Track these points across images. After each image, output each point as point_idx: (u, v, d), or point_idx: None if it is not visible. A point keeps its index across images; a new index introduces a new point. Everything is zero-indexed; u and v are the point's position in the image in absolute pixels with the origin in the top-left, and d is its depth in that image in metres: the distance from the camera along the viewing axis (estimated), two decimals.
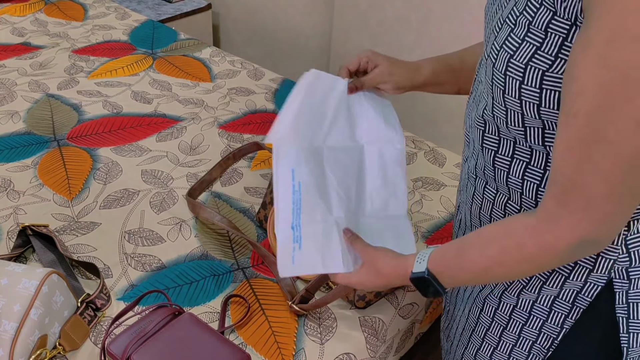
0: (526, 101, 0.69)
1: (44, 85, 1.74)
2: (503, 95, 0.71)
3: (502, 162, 0.77)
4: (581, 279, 0.76)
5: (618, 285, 0.74)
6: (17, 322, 0.93)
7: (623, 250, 0.73)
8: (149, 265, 1.18)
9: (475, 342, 0.91)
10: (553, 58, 0.65)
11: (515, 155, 0.75)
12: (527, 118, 0.70)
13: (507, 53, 0.69)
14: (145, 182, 1.39)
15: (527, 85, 0.68)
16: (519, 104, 0.70)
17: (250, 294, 1.13)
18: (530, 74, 0.67)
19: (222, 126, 1.61)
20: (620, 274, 0.74)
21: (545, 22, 0.65)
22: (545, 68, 0.66)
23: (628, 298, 0.75)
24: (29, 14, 2.18)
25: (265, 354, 1.03)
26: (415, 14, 2.17)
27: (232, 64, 1.94)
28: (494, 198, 0.81)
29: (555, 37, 0.64)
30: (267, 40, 2.82)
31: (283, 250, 0.91)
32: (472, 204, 0.86)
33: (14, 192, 1.33)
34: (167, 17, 2.59)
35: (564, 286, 0.77)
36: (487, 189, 0.82)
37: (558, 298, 0.78)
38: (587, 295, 0.76)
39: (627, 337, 0.75)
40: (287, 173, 0.93)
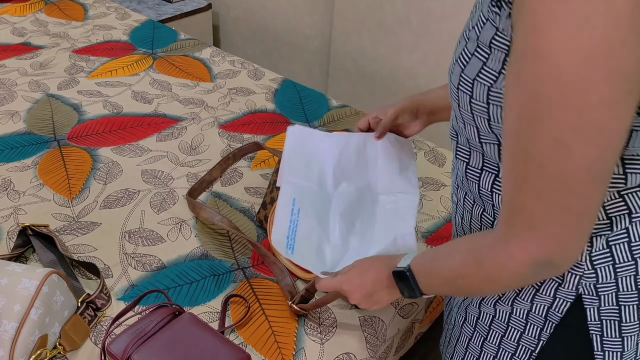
0: (477, 115, 0.69)
1: (44, 85, 1.74)
2: (459, 109, 0.72)
3: (473, 174, 0.77)
4: (550, 294, 0.75)
5: (588, 301, 0.73)
6: (17, 322, 0.93)
7: (588, 267, 0.71)
8: (149, 265, 1.18)
9: (460, 352, 0.91)
10: (497, 74, 0.65)
11: (485, 167, 0.75)
12: (482, 132, 0.71)
13: (460, 67, 0.69)
14: (145, 182, 1.39)
15: (475, 100, 0.68)
16: (472, 118, 0.70)
17: (250, 293, 1.13)
18: (477, 89, 0.67)
19: (222, 126, 1.61)
20: (589, 290, 0.72)
21: (489, 38, 0.64)
22: (490, 84, 0.66)
23: (600, 315, 0.73)
24: (29, 14, 2.18)
25: (265, 354, 1.03)
26: (415, 14, 2.17)
27: (232, 64, 1.94)
28: (472, 208, 0.81)
29: (498, 53, 0.64)
30: (267, 40, 2.82)
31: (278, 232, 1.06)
32: (456, 213, 0.87)
33: (14, 192, 1.33)
34: (167, 17, 2.60)
35: (534, 300, 0.76)
36: (466, 199, 0.82)
37: (531, 312, 0.78)
38: (557, 311, 0.75)
39: (602, 355, 0.74)
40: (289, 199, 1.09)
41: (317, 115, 1.70)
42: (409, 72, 2.30)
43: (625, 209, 0.68)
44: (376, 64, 2.40)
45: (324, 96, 1.80)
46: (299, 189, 1.10)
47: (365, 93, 2.52)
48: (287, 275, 1.14)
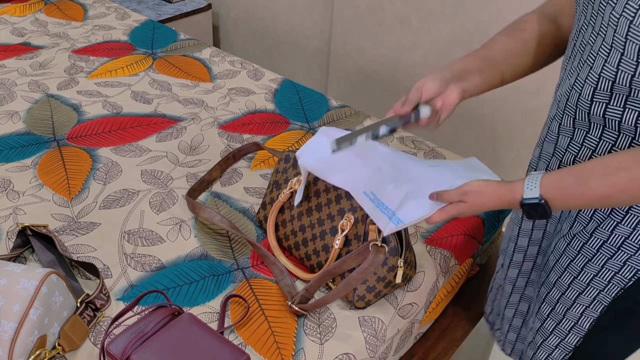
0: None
1: (44, 86, 1.74)
2: (621, 57, 0.76)
3: (614, 113, 0.82)
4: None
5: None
6: (16, 323, 0.93)
7: None
8: (149, 265, 1.18)
9: (557, 271, 0.99)
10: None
11: (628, 106, 0.80)
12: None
13: (627, 19, 0.74)
14: (145, 182, 1.39)
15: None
16: (636, 66, 0.75)
17: (250, 294, 1.13)
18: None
19: (222, 126, 1.61)
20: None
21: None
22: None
23: None
24: (29, 14, 2.18)
25: (265, 354, 1.03)
26: (415, 14, 2.17)
27: (232, 64, 1.94)
28: (596, 145, 0.86)
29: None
30: (267, 40, 2.82)
31: (378, 216, 0.99)
32: (564, 154, 0.92)
33: (14, 192, 1.33)
34: (167, 17, 2.60)
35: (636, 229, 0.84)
36: (588, 137, 0.87)
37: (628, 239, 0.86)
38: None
39: None
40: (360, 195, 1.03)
41: (317, 115, 1.70)
42: (409, 72, 2.30)
43: None
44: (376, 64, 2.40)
45: (323, 96, 1.80)
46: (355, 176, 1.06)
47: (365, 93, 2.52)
48: (287, 276, 1.14)
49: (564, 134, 0.92)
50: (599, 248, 0.91)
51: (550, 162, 0.98)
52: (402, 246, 1.09)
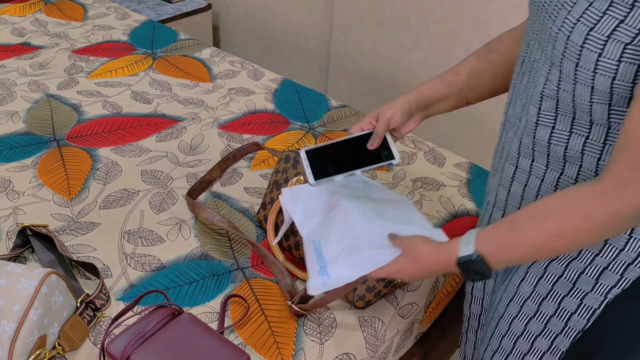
0: (601, 74, 0.70)
1: (44, 86, 1.74)
2: (575, 68, 0.72)
3: (560, 138, 0.79)
4: (636, 251, 0.77)
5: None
6: (16, 323, 0.93)
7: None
8: (149, 265, 1.18)
9: (513, 311, 0.92)
10: (637, 31, 0.66)
11: (574, 130, 0.77)
12: (595, 93, 0.72)
13: (586, 26, 0.70)
14: (145, 182, 1.39)
15: (605, 57, 0.69)
16: (592, 77, 0.71)
17: (250, 294, 1.13)
18: (610, 46, 0.68)
19: (222, 126, 1.61)
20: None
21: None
22: (628, 41, 0.67)
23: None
24: (28, 14, 2.18)
25: (265, 354, 1.03)
26: (415, 14, 2.17)
27: (232, 64, 1.94)
28: (544, 174, 0.82)
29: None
30: (267, 40, 2.82)
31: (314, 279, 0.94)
32: (511, 183, 0.88)
33: (14, 192, 1.33)
34: (167, 17, 2.59)
35: (617, 257, 0.79)
36: (534, 166, 0.83)
37: (607, 269, 0.80)
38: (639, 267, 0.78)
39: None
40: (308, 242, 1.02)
41: (316, 115, 1.70)
42: (409, 72, 2.30)
43: None
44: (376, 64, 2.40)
45: (323, 96, 1.80)
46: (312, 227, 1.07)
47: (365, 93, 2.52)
48: (287, 276, 1.14)
49: (509, 162, 0.88)
50: (554, 284, 0.85)
51: (497, 193, 0.93)
52: None
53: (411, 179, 1.47)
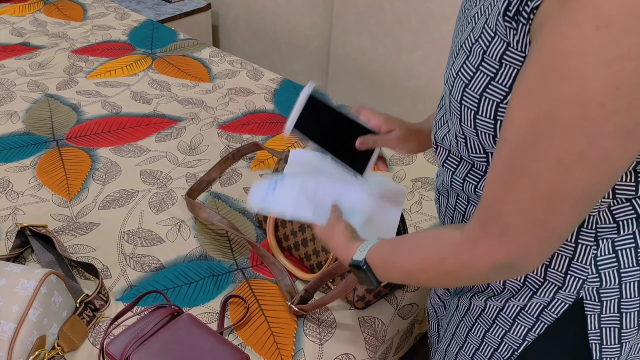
0: (481, 131, 0.68)
1: (43, 86, 1.73)
2: (460, 124, 0.71)
3: (473, 177, 0.77)
4: (549, 296, 0.74)
5: (589, 307, 0.72)
6: (15, 323, 0.93)
7: (593, 271, 0.70)
8: (148, 265, 1.17)
9: (447, 338, 0.91)
10: (507, 89, 0.64)
11: (478, 173, 0.76)
12: (486, 146, 0.70)
13: (462, 82, 0.68)
14: (144, 182, 1.39)
15: (481, 115, 0.67)
16: (475, 133, 0.69)
17: (250, 294, 1.13)
18: (484, 104, 0.66)
19: (222, 126, 1.61)
20: (591, 295, 0.72)
21: (500, 53, 0.63)
22: (500, 99, 0.65)
23: (601, 323, 0.73)
24: (28, 14, 2.18)
25: (265, 355, 1.02)
26: (415, 14, 2.17)
27: (231, 64, 1.94)
28: (465, 210, 0.81)
29: (510, 69, 0.63)
30: (267, 40, 2.82)
31: (257, 190, 1.00)
32: (445, 218, 0.86)
33: (13, 193, 1.33)
34: (166, 17, 2.59)
35: (530, 300, 0.76)
36: (458, 201, 0.82)
37: (523, 310, 0.77)
38: (553, 312, 0.74)
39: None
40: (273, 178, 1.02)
41: None
42: (409, 72, 2.30)
43: (633, 213, 0.68)
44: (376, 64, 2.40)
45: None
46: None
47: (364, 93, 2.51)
48: (287, 276, 1.14)
49: (442, 194, 0.86)
50: (478, 317, 0.84)
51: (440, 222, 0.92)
52: None
53: (411, 179, 1.46)
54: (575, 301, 0.72)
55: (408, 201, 1.39)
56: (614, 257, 0.70)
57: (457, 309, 0.88)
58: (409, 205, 1.38)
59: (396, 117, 0.98)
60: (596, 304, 0.72)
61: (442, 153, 0.81)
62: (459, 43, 0.70)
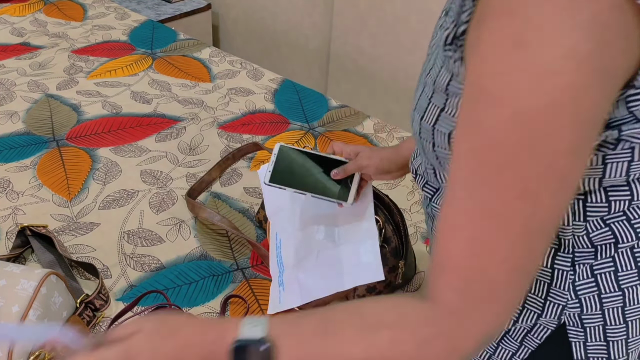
0: (443, 161, 0.66)
1: (43, 86, 1.73)
2: (424, 154, 0.69)
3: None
4: (531, 321, 0.71)
5: (573, 334, 0.69)
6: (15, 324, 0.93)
7: (572, 296, 0.67)
8: (148, 265, 1.17)
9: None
10: (455, 120, 0.60)
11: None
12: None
13: (419, 115, 0.66)
14: (144, 182, 1.39)
15: (438, 147, 0.65)
16: (440, 164, 0.67)
17: (250, 294, 1.13)
18: (437, 136, 0.64)
19: (222, 126, 1.61)
20: (573, 321, 0.68)
21: (445, 84, 0.61)
22: (449, 131, 0.62)
23: (587, 353, 0.69)
24: (28, 14, 2.18)
25: None
26: (415, 14, 2.17)
27: (231, 64, 1.94)
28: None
29: (455, 99, 0.61)
30: (267, 40, 2.82)
31: (273, 293, 1.08)
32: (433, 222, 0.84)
33: (13, 193, 1.33)
34: (166, 17, 2.59)
35: (515, 324, 0.72)
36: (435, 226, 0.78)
37: (507, 335, 0.74)
38: (536, 337, 0.71)
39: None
40: (274, 235, 1.13)
41: (316, 115, 1.70)
42: (408, 72, 2.30)
43: (612, 237, 0.64)
44: (376, 64, 2.40)
45: (323, 96, 1.80)
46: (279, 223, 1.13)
47: (365, 93, 2.51)
48: None
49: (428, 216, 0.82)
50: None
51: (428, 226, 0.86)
52: (403, 247, 1.08)
53: (411, 179, 1.46)
54: (558, 326, 0.70)
55: (408, 201, 1.39)
56: (593, 282, 0.66)
57: None
58: (408, 206, 1.38)
59: (368, 149, 0.98)
60: (579, 330, 0.68)
61: (420, 181, 0.78)
62: (422, 76, 0.69)
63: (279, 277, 1.10)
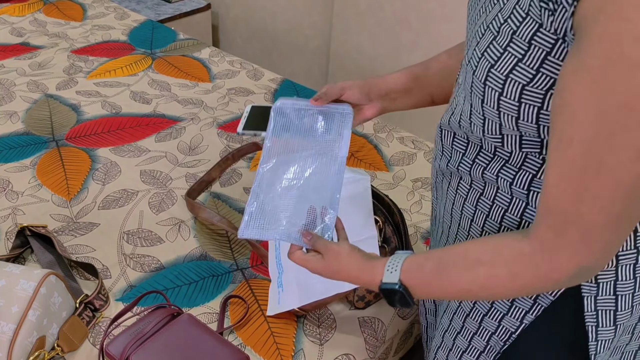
0: (504, 113, 0.67)
1: (43, 86, 1.73)
2: (482, 105, 0.69)
3: (482, 159, 0.76)
4: None
5: (586, 289, 0.73)
6: (15, 324, 0.93)
7: None
8: (148, 265, 1.17)
9: (444, 324, 0.91)
10: (534, 72, 0.63)
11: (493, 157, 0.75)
12: (504, 128, 0.69)
13: (488, 62, 0.67)
14: (144, 182, 1.39)
15: (505, 97, 0.66)
16: (497, 115, 0.68)
17: (249, 294, 1.13)
18: (510, 86, 0.65)
19: (221, 126, 1.61)
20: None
21: (530, 34, 0.62)
22: (526, 82, 0.64)
23: (597, 305, 0.73)
24: (28, 14, 2.18)
25: (264, 355, 1.02)
26: (415, 14, 2.17)
27: (231, 64, 1.94)
28: (467, 193, 0.80)
29: (539, 51, 0.62)
30: (267, 40, 2.82)
31: (272, 294, 1.09)
32: (446, 200, 0.85)
33: (13, 193, 1.33)
34: (166, 17, 2.59)
35: None
36: (460, 184, 0.81)
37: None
38: (550, 294, 0.75)
39: (595, 344, 0.75)
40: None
41: None
42: None
43: None
44: (376, 64, 2.40)
45: None
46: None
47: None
48: None
49: (445, 176, 0.84)
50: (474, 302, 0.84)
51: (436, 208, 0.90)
52: (403, 247, 1.08)
53: (411, 179, 1.46)
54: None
55: (408, 201, 1.39)
56: None
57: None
58: (408, 206, 1.38)
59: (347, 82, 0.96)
60: (592, 286, 0.73)
61: (447, 136, 0.80)
62: (484, 24, 0.69)
63: (278, 278, 1.10)
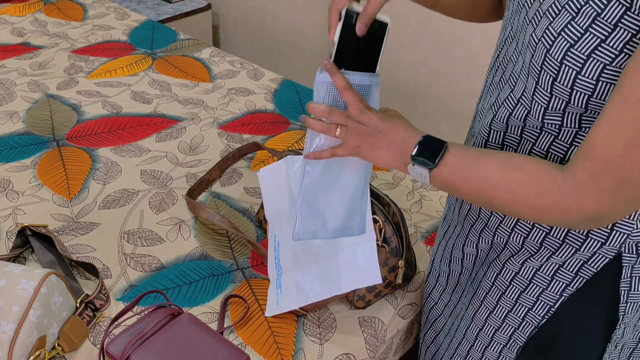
0: (578, 91, 0.69)
1: (44, 86, 1.74)
2: (552, 82, 0.70)
3: (531, 134, 0.78)
4: (591, 251, 0.78)
5: (626, 260, 0.77)
6: (15, 323, 0.93)
7: (638, 226, 0.75)
8: (148, 265, 1.17)
9: (475, 304, 0.93)
10: (617, 52, 0.65)
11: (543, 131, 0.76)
12: (570, 106, 0.71)
13: (567, 42, 0.68)
14: (144, 182, 1.39)
15: (583, 76, 0.68)
16: (569, 93, 0.70)
17: (250, 294, 1.13)
18: (590, 65, 0.67)
19: (222, 126, 1.61)
20: (631, 248, 0.77)
21: (617, 17, 0.64)
22: (608, 62, 0.66)
23: (632, 272, 0.78)
24: (28, 14, 2.18)
25: (265, 355, 1.02)
26: (415, 14, 2.17)
27: (231, 64, 1.94)
28: (517, 145, 0.82)
29: (624, 33, 0.64)
30: (267, 40, 2.82)
31: (271, 295, 1.10)
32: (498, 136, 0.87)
33: (13, 192, 1.33)
34: (166, 17, 2.59)
35: (573, 256, 0.79)
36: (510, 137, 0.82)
37: (562, 267, 0.81)
38: (592, 266, 0.79)
39: (625, 306, 0.80)
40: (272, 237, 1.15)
41: None
42: (409, 72, 2.30)
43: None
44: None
45: None
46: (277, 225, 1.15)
47: None
48: None
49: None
50: (512, 280, 0.86)
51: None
52: (403, 247, 1.09)
53: (411, 179, 1.46)
54: (615, 255, 0.77)
55: (408, 201, 1.39)
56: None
57: (484, 276, 0.90)
58: (408, 206, 1.38)
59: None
60: (633, 256, 0.77)
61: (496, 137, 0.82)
62: (558, 3, 0.69)
63: (277, 279, 1.10)
